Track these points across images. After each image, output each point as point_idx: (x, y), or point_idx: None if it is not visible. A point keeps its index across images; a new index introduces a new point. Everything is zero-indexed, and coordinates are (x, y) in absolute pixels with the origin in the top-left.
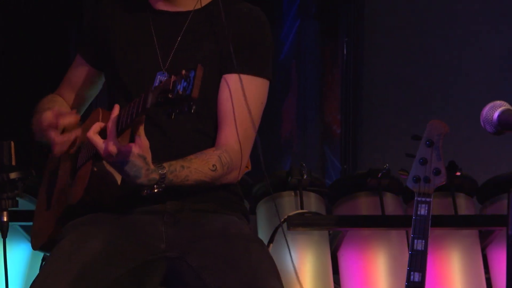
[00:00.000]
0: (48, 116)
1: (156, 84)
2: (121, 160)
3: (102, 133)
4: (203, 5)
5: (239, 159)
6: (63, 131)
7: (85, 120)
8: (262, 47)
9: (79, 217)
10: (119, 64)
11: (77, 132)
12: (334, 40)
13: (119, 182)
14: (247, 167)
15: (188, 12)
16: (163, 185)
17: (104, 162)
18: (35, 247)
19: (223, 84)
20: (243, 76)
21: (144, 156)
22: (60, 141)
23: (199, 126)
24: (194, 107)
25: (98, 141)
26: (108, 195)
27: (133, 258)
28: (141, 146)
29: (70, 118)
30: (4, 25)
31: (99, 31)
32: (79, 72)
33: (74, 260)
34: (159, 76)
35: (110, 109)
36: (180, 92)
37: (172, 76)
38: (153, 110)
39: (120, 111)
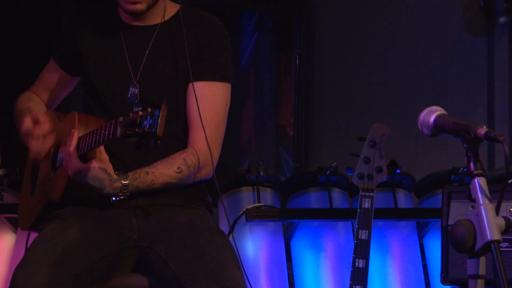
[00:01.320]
0: (26, 123)
1: (129, 95)
2: (84, 175)
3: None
4: (167, 18)
5: (208, 159)
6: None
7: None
8: (223, 54)
9: (59, 208)
10: (93, 75)
11: (51, 142)
12: (288, 51)
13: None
14: None
15: (155, 26)
16: (127, 192)
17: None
18: (23, 227)
19: (189, 90)
20: (208, 83)
21: (105, 169)
22: (36, 148)
23: (172, 129)
24: (158, 142)
25: (64, 164)
26: (84, 194)
27: (107, 246)
28: (101, 160)
29: (45, 127)
30: None
31: (73, 41)
32: (53, 75)
33: (53, 248)
34: (131, 88)
35: (86, 111)
36: (146, 129)
37: (139, 112)
38: (122, 138)
39: (91, 132)
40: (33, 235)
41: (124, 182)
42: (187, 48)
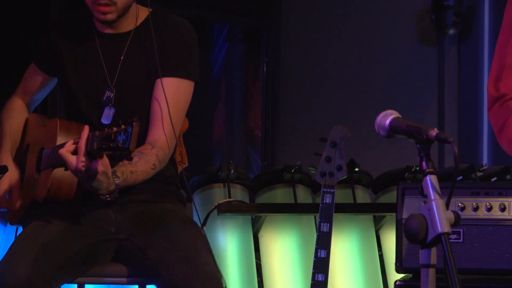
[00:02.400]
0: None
1: (105, 98)
2: (89, 176)
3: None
4: (138, 24)
5: (169, 152)
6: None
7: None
8: (189, 53)
9: (43, 206)
10: (72, 81)
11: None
12: (256, 59)
13: (75, 186)
14: (184, 163)
15: (128, 33)
16: (117, 193)
17: (63, 170)
18: (12, 222)
19: (157, 87)
20: (173, 79)
21: (106, 172)
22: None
23: (143, 130)
24: (130, 156)
25: (71, 158)
26: (66, 195)
27: (87, 239)
28: (103, 165)
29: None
30: None
31: (53, 46)
32: (34, 78)
33: (35, 242)
34: (107, 92)
35: (67, 112)
36: (120, 144)
37: (113, 128)
38: (98, 151)
39: (76, 137)
40: (21, 229)
41: (117, 182)
42: (157, 50)
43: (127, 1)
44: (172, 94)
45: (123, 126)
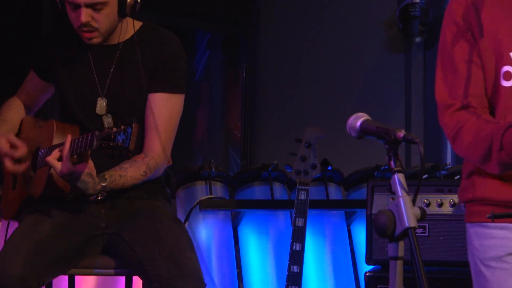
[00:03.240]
0: (4, 144)
1: (97, 106)
2: (74, 178)
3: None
4: (129, 36)
5: (163, 162)
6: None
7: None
8: (178, 68)
9: (37, 203)
10: (66, 90)
11: (26, 165)
12: (236, 66)
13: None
14: (169, 162)
15: (118, 44)
16: (105, 193)
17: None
18: (6, 217)
19: (148, 101)
20: (165, 94)
21: (90, 174)
22: (13, 169)
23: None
24: (130, 155)
25: (57, 165)
26: (61, 192)
27: (78, 234)
28: (88, 167)
29: (20, 153)
30: None
31: (47, 57)
32: (33, 83)
33: (28, 240)
34: (99, 102)
35: (62, 117)
36: (120, 143)
37: (114, 128)
38: (98, 149)
39: (74, 137)
40: (13, 224)
41: (103, 184)
42: (146, 63)
43: (110, 25)
44: (165, 109)
45: (122, 127)
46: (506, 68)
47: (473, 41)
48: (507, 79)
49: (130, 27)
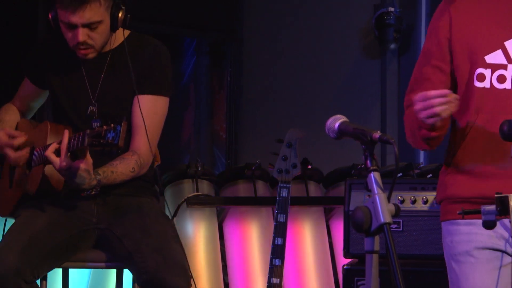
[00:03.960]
0: (2, 136)
1: (88, 112)
2: (71, 173)
3: (56, 151)
4: (117, 45)
5: (149, 159)
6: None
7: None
8: (164, 72)
9: (33, 199)
10: (59, 96)
11: (26, 151)
12: (221, 70)
13: (63, 181)
14: (157, 161)
15: (108, 52)
16: (99, 188)
17: (52, 167)
18: (3, 214)
19: (135, 103)
20: (151, 96)
21: (88, 170)
22: (15, 157)
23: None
24: (120, 152)
25: (55, 159)
26: (55, 189)
27: (71, 228)
28: (86, 163)
29: (21, 139)
30: None
31: (40, 65)
32: (27, 90)
33: (23, 234)
34: (90, 107)
35: (55, 120)
36: (110, 140)
37: (104, 126)
38: (89, 147)
39: (65, 138)
40: (10, 221)
41: (98, 179)
42: (135, 68)
43: (104, 40)
44: (151, 110)
45: (112, 125)
46: (480, 70)
47: (448, 48)
48: (480, 81)
49: (119, 36)
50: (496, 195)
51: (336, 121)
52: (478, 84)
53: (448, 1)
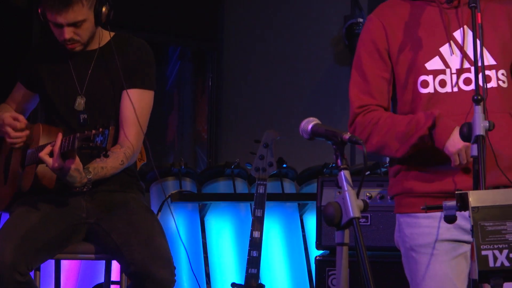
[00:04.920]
0: (7, 117)
1: (76, 104)
2: (63, 173)
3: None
4: (103, 44)
5: (137, 150)
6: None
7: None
8: (149, 67)
9: (26, 196)
10: (50, 93)
11: (27, 133)
12: (203, 75)
13: (54, 179)
14: (143, 160)
15: (95, 51)
16: (90, 185)
17: (45, 166)
18: None
19: (123, 97)
20: (138, 90)
21: (78, 169)
22: (14, 135)
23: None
24: (108, 154)
25: (48, 160)
26: (47, 186)
27: (63, 223)
28: (76, 164)
29: (23, 123)
30: None
31: (33, 67)
32: (20, 93)
33: (18, 229)
34: (78, 99)
35: (47, 120)
36: (98, 144)
37: (93, 130)
38: (79, 149)
39: (58, 141)
40: (5, 215)
41: (89, 177)
42: (121, 64)
43: (90, 34)
44: (138, 102)
45: (101, 129)
46: (423, 77)
47: (388, 59)
48: (424, 87)
49: (105, 35)
50: (456, 192)
51: (309, 123)
52: (422, 90)
53: (377, 15)
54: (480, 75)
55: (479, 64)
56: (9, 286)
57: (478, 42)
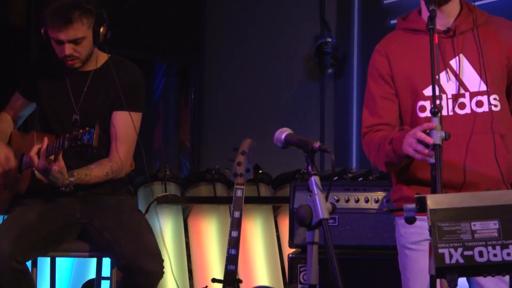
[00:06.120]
0: (1, 155)
1: (72, 120)
2: (46, 173)
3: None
4: (99, 65)
5: (125, 165)
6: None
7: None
8: (139, 92)
9: (24, 198)
10: (46, 108)
11: (14, 173)
12: (186, 89)
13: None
14: (132, 166)
15: (90, 71)
16: (72, 187)
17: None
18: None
19: (113, 116)
20: (127, 112)
21: (61, 171)
22: (1, 172)
23: (103, 142)
24: (94, 151)
25: (35, 160)
26: (42, 189)
27: (57, 222)
28: (59, 166)
29: (12, 166)
30: None
31: (32, 80)
32: (18, 101)
33: (16, 224)
34: (74, 116)
35: (42, 129)
36: (85, 142)
37: (80, 130)
38: (69, 148)
39: (50, 142)
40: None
41: (71, 179)
42: (114, 86)
43: (88, 51)
44: (126, 124)
45: (87, 128)
46: (421, 103)
47: (392, 83)
48: (422, 111)
49: (102, 57)
50: (415, 195)
51: (283, 133)
52: (421, 114)
53: (382, 46)
54: (437, 88)
55: (437, 75)
56: (7, 273)
57: (437, 58)
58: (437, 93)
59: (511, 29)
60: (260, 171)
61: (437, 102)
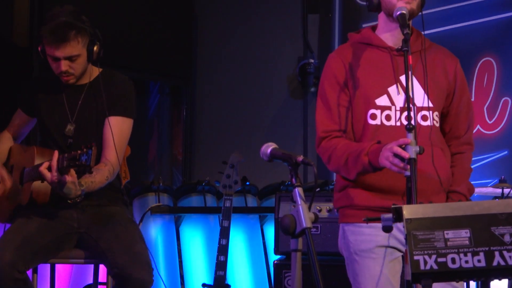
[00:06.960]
0: None
1: (67, 129)
2: (61, 185)
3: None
4: (92, 79)
5: (118, 167)
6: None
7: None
8: (130, 99)
9: (25, 209)
10: (45, 120)
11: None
12: (179, 107)
13: (49, 193)
14: (127, 178)
15: (85, 85)
16: (83, 196)
17: (40, 182)
18: (2, 221)
19: (106, 123)
20: (120, 118)
21: (74, 182)
22: None
23: (98, 150)
24: (92, 171)
25: (47, 174)
26: (43, 200)
27: (57, 231)
28: (72, 177)
29: (7, 189)
30: None
31: (31, 98)
32: (19, 118)
33: (18, 235)
34: (68, 126)
35: (43, 141)
36: (83, 162)
37: (78, 151)
38: (68, 167)
39: (49, 161)
40: (7, 226)
41: (82, 189)
42: (107, 96)
43: (83, 68)
44: (119, 128)
45: (85, 150)
46: (372, 111)
47: (347, 90)
48: (373, 119)
49: (95, 71)
50: (392, 206)
51: (268, 147)
52: (371, 121)
53: (337, 53)
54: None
55: (411, 93)
56: (8, 283)
57: (412, 78)
58: (388, 104)
59: (452, 58)
60: (247, 183)
61: (388, 112)
